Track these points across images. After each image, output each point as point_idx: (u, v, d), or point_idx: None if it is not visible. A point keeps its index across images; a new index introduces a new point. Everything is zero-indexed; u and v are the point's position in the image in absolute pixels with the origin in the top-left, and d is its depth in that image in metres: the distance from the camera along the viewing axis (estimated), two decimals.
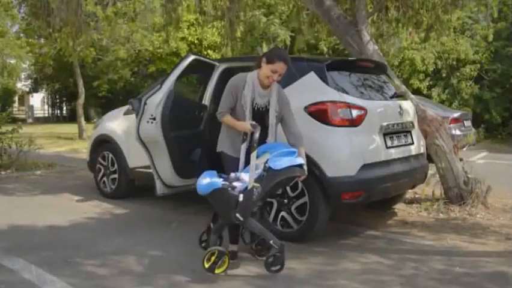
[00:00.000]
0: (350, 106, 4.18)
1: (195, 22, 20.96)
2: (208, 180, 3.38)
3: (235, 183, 3.37)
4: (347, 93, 4.30)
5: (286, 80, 4.46)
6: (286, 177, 3.34)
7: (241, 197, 3.27)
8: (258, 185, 3.26)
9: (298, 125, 4.24)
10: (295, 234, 4.15)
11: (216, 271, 3.29)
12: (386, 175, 4.34)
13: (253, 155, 3.30)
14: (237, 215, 3.29)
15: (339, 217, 4.97)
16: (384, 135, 4.47)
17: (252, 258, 3.71)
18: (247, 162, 3.41)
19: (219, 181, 3.38)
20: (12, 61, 24.40)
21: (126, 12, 14.59)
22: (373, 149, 4.27)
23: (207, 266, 3.29)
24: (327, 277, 3.41)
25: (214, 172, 3.50)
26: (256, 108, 3.54)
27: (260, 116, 3.54)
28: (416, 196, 5.80)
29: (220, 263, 3.28)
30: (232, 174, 3.45)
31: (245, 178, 3.37)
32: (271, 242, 3.32)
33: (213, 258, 3.28)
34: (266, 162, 3.29)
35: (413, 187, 5.14)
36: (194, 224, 4.56)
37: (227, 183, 3.38)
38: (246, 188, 3.30)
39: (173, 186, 4.79)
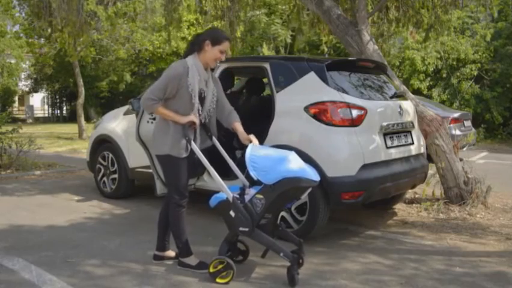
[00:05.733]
0: (350, 106, 4.18)
1: (195, 22, 20.99)
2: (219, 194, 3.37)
3: (246, 196, 3.31)
4: (347, 93, 4.30)
5: (286, 80, 4.48)
6: (289, 188, 3.18)
7: (232, 213, 3.26)
8: (261, 196, 3.21)
9: (299, 125, 4.26)
10: (295, 234, 4.15)
11: (218, 280, 3.23)
12: (386, 175, 4.33)
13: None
14: (240, 228, 3.25)
15: (339, 217, 4.97)
16: (384, 135, 4.47)
17: (252, 259, 3.71)
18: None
19: (223, 194, 3.33)
20: (13, 61, 24.44)
21: (126, 12, 14.61)
22: (373, 149, 4.27)
23: (211, 271, 3.26)
24: (327, 277, 3.41)
25: (235, 186, 3.44)
26: (202, 94, 3.42)
27: (201, 101, 3.44)
28: (416, 196, 5.80)
29: (224, 274, 3.23)
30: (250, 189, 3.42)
31: (251, 191, 3.33)
32: (281, 254, 3.23)
33: (220, 266, 3.24)
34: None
35: (413, 187, 5.14)
36: (193, 224, 4.56)
37: (237, 196, 3.31)
38: (251, 200, 3.25)
39: None
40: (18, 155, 8.24)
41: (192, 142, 3.35)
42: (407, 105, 5.01)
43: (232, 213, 3.27)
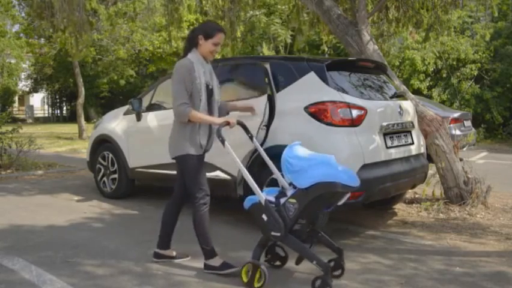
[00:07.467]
0: (350, 106, 4.18)
1: (195, 22, 21.01)
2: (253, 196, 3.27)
3: (281, 199, 3.19)
4: (347, 93, 4.30)
5: (286, 80, 4.48)
6: (324, 193, 3.03)
7: (264, 216, 3.16)
8: (294, 201, 3.08)
9: (299, 125, 4.26)
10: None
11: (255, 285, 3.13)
12: (386, 175, 4.33)
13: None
14: (272, 232, 3.14)
15: (339, 217, 4.97)
16: (384, 135, 4.47)
17: (247, 259, 3.71)
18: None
19: (257, 197, 3.22)
20: (13, 61, 24.44)
21: (126, 12, 14.63)
22: (373, 149, 4.27)
23: (243, 278, 3.16)
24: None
25: (276, 189, 3.35)
26: (208, 87, 3.44)
27: (210, 94, 3.46)
28: (416, 196, 5.80)
29: (258, 279, 3.12)
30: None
31: (288, 193, 3.19)
32: (314, 262, 3.08)
33: (253, 271, 3.13)
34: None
35: (413, 187, 5.14)
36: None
37: (272, 199, 3.20)
38: (284, 204, 3.14)
39: None
40: (18, 155, 8.24)
41: (226, 143, 3.30)
42: (407, 105, 5.01)
43: (264, 216, 3.17)
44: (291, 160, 3.09)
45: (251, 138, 3.63)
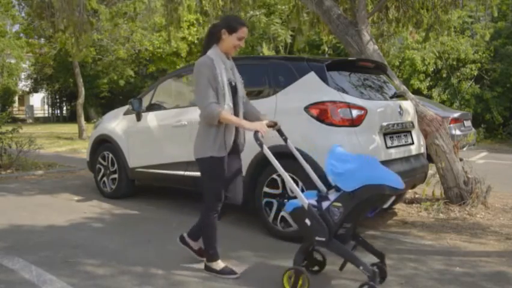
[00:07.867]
0: (350, 106, 4.18)
1: (195, 22, 21.02)
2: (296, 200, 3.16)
3: (323, 203, 3.08)
4: (347, 93, 4.30)
5: (286, 80, 4.48)
6: (370, 196, 2.93)
7: (307, 221, 3.05)
8: (339, 204, 2.98)
9: (299, 125, 4.26)
10: (295, 234, 4.15)
11: None
12: None
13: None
14: (316, 237, 3.02)
15: None
16: (384, 135, 4.47)
17: (247, 259, 3.71)
18: None
19: (298, 200, 3.11)
20: (13, 61, 24.45)
21: (126, 12, 14.63)
22: (373, 149, 4.27)
23: (285, 284, 3.07)
24: (327, 276, 3.40)
25: (313, 192, 3.26)
26: (231, 84, 3.29)
27: (234, 91, 3.31)
28: (416, 196, 5.80)
29: (300, 285, 3.02)
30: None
31: (331, 197, 3.10)
32: (360, 268, 2.95)
33: (296, 277, 3.03)
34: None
35: (413, 187, 5.14)
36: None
37: (314, 203, 3.09)
38: (328, 208, 3.03)
39: None
40: (18, 155, 8.24)
41: (264, 146, 3.14)
42: (407, 105, 5.01)
43: (307, 221, 3.05)
44: (335, 162, 3.02)
45: (285, 140, 3.51)
